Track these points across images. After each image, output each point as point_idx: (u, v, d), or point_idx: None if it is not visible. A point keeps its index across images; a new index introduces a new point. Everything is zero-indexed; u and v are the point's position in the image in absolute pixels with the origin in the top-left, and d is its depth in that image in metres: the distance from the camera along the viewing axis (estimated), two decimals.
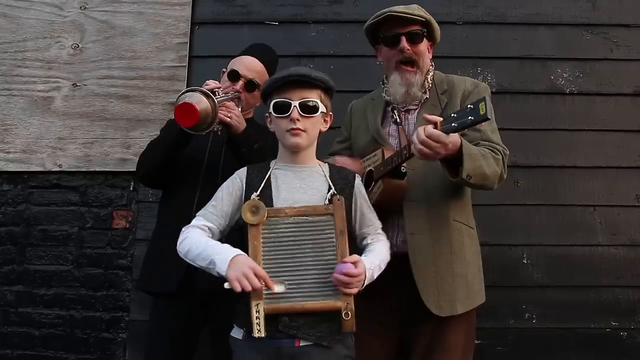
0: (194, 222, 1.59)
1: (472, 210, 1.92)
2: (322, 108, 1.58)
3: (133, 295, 2.46)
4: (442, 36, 2.61)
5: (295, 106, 1.54)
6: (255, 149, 1.89)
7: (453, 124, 1.48)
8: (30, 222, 2.57)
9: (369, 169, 1.82)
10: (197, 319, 1.95)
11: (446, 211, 1.80)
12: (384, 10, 1.88)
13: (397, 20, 1.86)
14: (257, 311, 1.42)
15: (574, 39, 2.68)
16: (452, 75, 1.97)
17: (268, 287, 1.43)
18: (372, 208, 1.66)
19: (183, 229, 1.59)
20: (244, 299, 1.51)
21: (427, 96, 1.89)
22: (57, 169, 2.58)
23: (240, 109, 1.95)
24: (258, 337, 1.40)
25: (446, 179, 1.68)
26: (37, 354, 2.45)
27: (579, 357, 2.40)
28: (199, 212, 1.63)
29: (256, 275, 1.40)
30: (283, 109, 1.55)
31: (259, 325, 1.41)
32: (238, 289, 1.38)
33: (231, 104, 1.89)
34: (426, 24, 1.89)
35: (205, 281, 1.85)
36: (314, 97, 1.56)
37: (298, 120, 1.54)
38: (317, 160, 1.67)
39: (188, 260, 1.55)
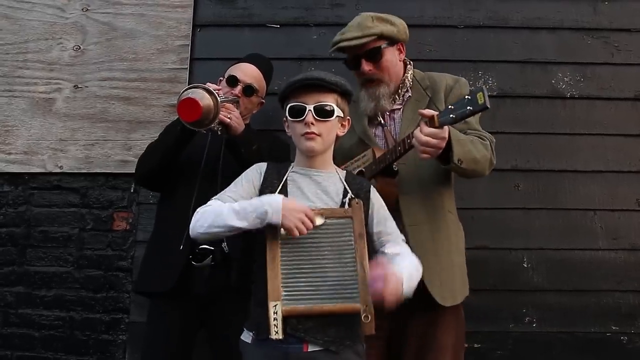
0: (210, 202, 1.55)
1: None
2: (338, 112, 1.55)
3: (133, 297, 2.46)
4: (443, 39, 2.66)
5: (310, 110, 1.52)
6: (254, 150, 1.90)
7: (451, 115, 1.50)
8: (31, 224, 2.57)
9: (359, 169, 1.83)
10: (194, 321, 1.95)
11: (441, 202, 1.83)
12: (335, 39, 1.89)
13: (362, 46, 1.85)
14: (275, 312, 1.39)
15: (575, 43, 2.68)
16: (431, 72, 1.99)
17: (313, 223, 1.44)
18: (391, 216, 1.63)
19: (198, 210, 1.54)
20: (256, 298, 1.50)
21: (410, 94, 1.91)
22: (58, 170, 2.58)
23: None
24: (276, 338, 1.38)
25: (437, 170, 1.70)
26: (37, 356, 2.44)
27: None
28: (215, 196, 1.58)
29: (309, 218, 1.42)
30: (298, 112, 1.53)
31: (277, 327, 1.38)
32: (297, 234, 1.41)
33: (230, 105, 1.91)
34: (382, 37, 1.85)
35: (202, 282, 1.87)
36: (330, 101, 1.54)
37: (313, 124, 1.51)
38: (334, 166, 1.65)
39: (211, 232, 1.48)
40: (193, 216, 1.54)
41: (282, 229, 1.43)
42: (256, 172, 1.62)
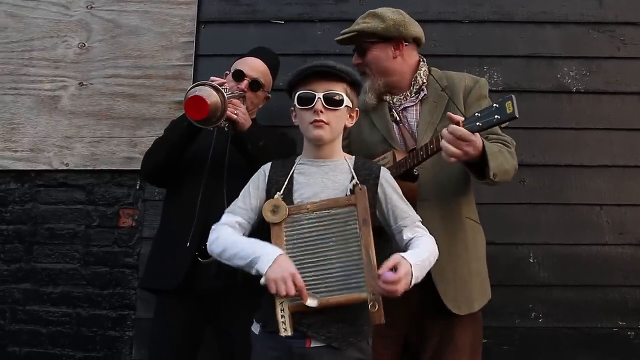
0: (223, 218, 1.57)
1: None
2: (347, 102, 1.54)
3: (139, 293, 2.46)
4: (448, 35, 2.66)
5: (319, 98, 1.50)
6: (261, 147, 1.89)
7: (478, 123, 1.48)
8: (37, 221, 2.58)
9: (354, 157, 1.82)
10: (201, 317, 1.95)
11: (458, 209, 1.81)
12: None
13: (352, 39, 1.95)
14: (282, 309, 1.39)
15: (581, 37, 2.67)
16: (450, 71, 1.98)
17: (302, 298, 1.39)
18: (405, 199, 1.60)
19: (213, 227, 1.57)
20: (267, 293, 1.49)
21: (426, 93, 1.90)
22: (64, 167, 2.58)
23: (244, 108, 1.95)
24: (285, 336, 1.38)
25: (456, 175, 1.69)
26: (45, 352, 2.45)
27: (585, 357, 2.39)
28: (227, 209, 1.60)
29: (295, 283, 1.37)
30: (307, 101, 1.52)
31: (285, 324, 1.37)
32: (273, 290, 1.37)
33: (237, 101, 1.90)
34: (362, 34, 1.91)
35: (208, 279, 1.87)
36: (339, 90, 1.53)
37: (322, 112, 1.50)
38: (344, 154, 1.63)
39: (222, 260, 1.52)
40: (210, 233, 1.57)
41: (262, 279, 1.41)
42: (260, 175, 1.62)
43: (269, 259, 1.40)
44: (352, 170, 1.55)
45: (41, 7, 2.73)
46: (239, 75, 2.05)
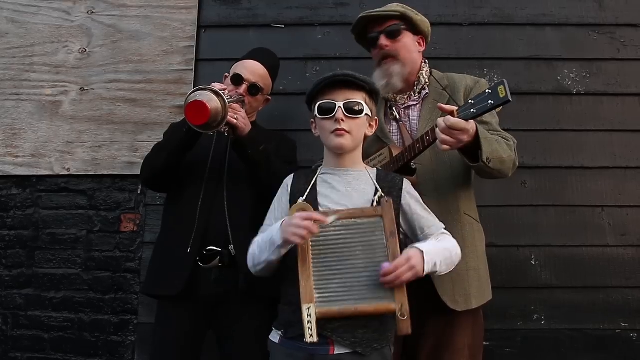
0: (255, 239, 1.58)
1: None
2: (367, 110, 1.55)
3: (141, 298, 2.46)
4: (448, 37, 2.66)
5: (340, 107, 1.51)
6: (261, 151, 1.89)
7: (472, 110, 1.49)
8: (39, 226, 2.58)
9: (376, 168, 1.83)
10: (202, 323, 1.94)
11: (457, 205, 1.81)
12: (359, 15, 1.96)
13: (375, 21, 1.92)
14: (309, 315, 1.36)
15: (581, 40, 2.67)
16: (451, 73, 2.00)
17: (321, 222, 1.41)
18: (429, 209, 1.61)
19: (252, 242, 1.58)
20: (285, 297, 1.50)
21: (428, 92, 1.91)
22: (65, 172, 2.59)
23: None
24: (311, 342, 1.36)
25: (455, 170, 1.70)
26: (47, 357, 2.45)
27: (588, 359, 2.39)
28: (261, 229, 1.61)
29: (305, 222, 1.39)
30: (328, 110, 1.53)
31: (311, 330, 1.35)
32: (300, 241, 1.39)
33: (237, 106, 1.89)
34: (403, 17, 1.91)
35: (209, 284, 1.87)
36: (358, 98, 1.54)
37: (343, 120, 1.51)
38: (364, 165, 1.64)
39: (259, 270, 1.54)
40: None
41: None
42: (284, 188, 1.63)
43: (277, 230, 1.44)
44: (375, 182, 1.56)
45: (42, 13, 2.74)
46: (237, 80, 2.05)
